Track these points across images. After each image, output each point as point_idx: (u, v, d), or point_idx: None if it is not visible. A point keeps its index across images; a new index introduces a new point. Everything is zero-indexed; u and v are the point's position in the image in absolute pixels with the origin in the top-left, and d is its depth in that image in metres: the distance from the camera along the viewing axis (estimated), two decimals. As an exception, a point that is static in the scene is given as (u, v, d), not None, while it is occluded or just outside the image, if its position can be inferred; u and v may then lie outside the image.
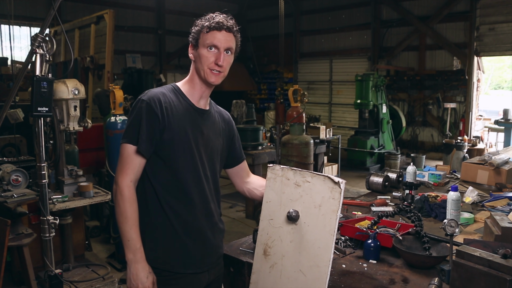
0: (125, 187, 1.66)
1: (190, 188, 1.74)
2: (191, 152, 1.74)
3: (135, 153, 1.67)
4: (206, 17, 1.76)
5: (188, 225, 1.75)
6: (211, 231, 1.83)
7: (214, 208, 1.85)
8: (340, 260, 1.99)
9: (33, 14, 10.17)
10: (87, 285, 3.90)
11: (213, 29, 1.72)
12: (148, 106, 1.67)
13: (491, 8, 9.46)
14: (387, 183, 3.21)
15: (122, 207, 1.65)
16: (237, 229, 5.49)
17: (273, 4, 9.67)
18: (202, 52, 1.73)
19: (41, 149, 2.89)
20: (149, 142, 1.67)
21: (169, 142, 1.69)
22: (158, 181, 1.73)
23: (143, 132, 1.66)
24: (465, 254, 1.55)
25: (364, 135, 9.43)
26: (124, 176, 1.67)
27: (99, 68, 7.39)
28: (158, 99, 1.69)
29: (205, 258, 1.82)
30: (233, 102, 7.72)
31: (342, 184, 1.55)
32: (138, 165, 1.69)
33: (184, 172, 1.73)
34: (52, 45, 2.85)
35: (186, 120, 1.74)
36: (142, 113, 1.67)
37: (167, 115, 1.68)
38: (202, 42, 1.73)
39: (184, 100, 1.78)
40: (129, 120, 1.72)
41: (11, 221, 2.98)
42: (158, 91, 1.74)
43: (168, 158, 1.71)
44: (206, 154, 1.80)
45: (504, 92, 18.31)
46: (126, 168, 1.68)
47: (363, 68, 11.60)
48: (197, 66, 1.76)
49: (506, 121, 9.13)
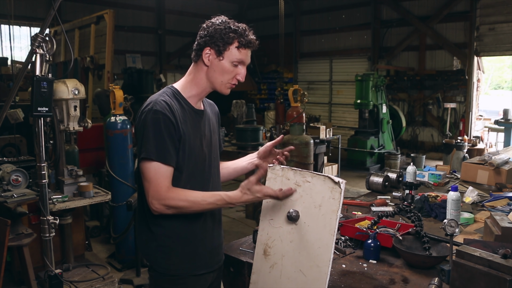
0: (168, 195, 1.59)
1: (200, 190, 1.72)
2: (199, 157, 1.74)
3: (163, 167, 1.60)
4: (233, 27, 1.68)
5: (197, 228, 1.75)
6: (216, 230, 1.86)
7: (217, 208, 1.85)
8: (340, 260, 1.99)
9: (33, 14, 10.17)
10: (87, 285, 3.90)
11: (247, 47, 1.70)
12: (165, 117, 1.60)
13: (491, 8, 9.46)
14: (387, 183, 3.21)
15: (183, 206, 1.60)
16: (237, 229, 5.49)
17: (273, 4, 9.68)
18: (227, 65, 1.68)
19: (41, 149, 2.89)
20: (174, 153, 1.64)
21: (182, 151, 1.67)
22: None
23: (167, 144, 1.61)
24: (465, 254, 1.55)
25: (364, 135, 9.43)
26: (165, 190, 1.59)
27: (99, 68, 7.39)
28: (170, 109, 1.63)
29: (214, 257, 1.84)
30: (233, 102, 7.72)
31: (342, 184, 1.55)
32: (170, 175, 1.63)
33: (193, 178, 1.72)
34: (52, 45, 2.84)
35: (191, 125, 1.72)
36: (161, 124, 1.60)
37: (180, 124, 1.65)
38: (229, 56, 1.67)
39: (186, 104, 1.73)
40: (146, 133, 1.62)
41: (11, 221, 2.98)
42: (165, 99, 1.66)
43: (180, 166, 1.68)
44: (210, 154, 1.82)
45: (504, 92, 18.31)
46: (160, 182, 1.59)
47: (363, 68, 11.60)
48: (213, 75, 1.70)
49: (506, 121, 9.13)
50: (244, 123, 6.94)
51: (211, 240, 1.83)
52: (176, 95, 1.73)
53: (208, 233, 1.81)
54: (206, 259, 1.80)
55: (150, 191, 1.60)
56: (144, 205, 1.69)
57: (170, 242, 1.72)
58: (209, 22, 1.70)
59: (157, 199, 1.59)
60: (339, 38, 12.49)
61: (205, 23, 1.72)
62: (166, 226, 1.71)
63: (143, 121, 1.63)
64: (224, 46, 1.66)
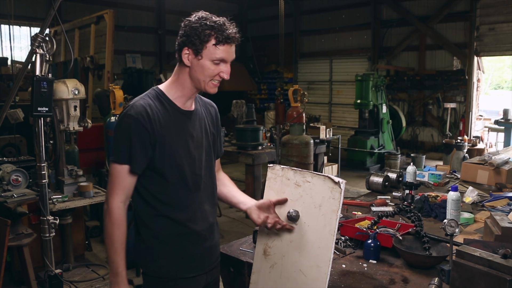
0: (114, 209, 1.62)
1: (185, 195, 1.71)
2: (185, 160, 1.69)
3: (127, 173, 1.62)
4: (210, 23, 1.59)
5: (186, 231, 1.72)
6: (208, 233, 1.80)
7: (209, 210, 1.81)
8: (340, 260, 1.99)
9: (33, 14, 10.17)
10: (87, 285, 3.90)
11: (226, 43, 1.60)
12: (137, 122, 1.58)
13: (491, 8, 9.46)
14: (387, 183, 3.21)
15: (110, 229, 1.62)
16: (237, 229, 5.49)
17: (273, 4, 9.67)
18: (207, 64, 1.62)
19: (41, 149, 2.89)
20: (142, 159, 1.61)
21: (161, 156, 1.64)
22: (151, 193, 1.68)
23: (135, 149, 1.59)
24: (465, 254, 1.55)
25: (364, 135, 9.42)
26: (115, 197, 1.62)
27: (99, 68, 7.39)
28: (145, 113, 1.60)
29: (205, 260, 1.80)
30: (233, 102, 7.72)
31: (342, 184, 1.55)
32: (130, 184, 1.64)
33: (179, 182, 1.69)
34: (52, 45, 2.85)
35: (175, 128, 1.67)
36: (131, 129, 1.59)
37: (156, 128, 1.61)
38: (208, 54, 1.60)
39: (170, 106, 1.68)
40: (117, 137, 1.63)
41: (11, 221, 2.98)
42: (144, 102, 1.64)
43: (162, 170, 1.65)
44: (200, 156, 1.76)
45: (504, 92, 18.30)
46: (117, 188, 1.62)
47: (363, 68, 11.60)
48: (195, 75, 1.65)
49: (506, 121, 9.13)
50: (244, 123, 6.94)
51: (202, 241, 1.78)
52: (159, 97, 1.69)
53: (199, 234, 1.76)
54: (196, 261, 1.76)
55: (107, 191, 1.67)
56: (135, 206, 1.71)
57: (157, 244, 1.70)
58: (186, 20, 1.64)
59: (107, 200, 1.64)
60: (339, 38, 12.48)
61: (183, 22, 1.65)
62: (153, 227, 1.69)
63: (117, 124, 1.66)
64: (201, 45, 1.59)
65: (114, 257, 1.63)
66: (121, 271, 1.63)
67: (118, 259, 1.63)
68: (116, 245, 1.62)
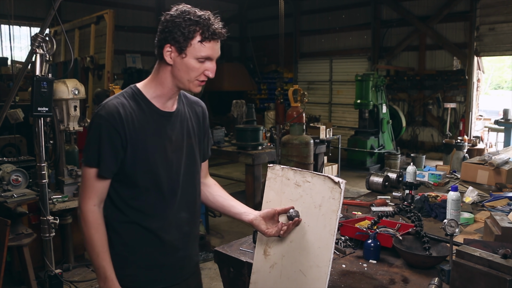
0: (88, 212, 1.53)
1: (158, 203, 1.60)
2: (159, 165, 1.58)
3: (96, 176, 1.53)
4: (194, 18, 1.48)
5: (156, 240, 1.61)
6: (182, 243, 1.69)
7: (186, 218, 1.69)
8: (340, 260, 1.98)
9: (33, 14, 10.16)
10: (87, 285, 3.90)
11: (211, 39, 1.49)
12: (107, 123, 1.48)
13: (491, 8, 9.46)
14: (387, 183, 3.21)
15: (87, 234, 1.53)
16: (237, 229, 5.49)
17: (273, 4, 9.67)
18: (191, 63, 1.50)
19: (41, 149, 2.89)
20: (111, 162, 1.51)
21: (133, 160, 1.53)
22: (123, 198, 1.59)
23: (104, 152, 1.50)
24: (465, 254, 1.55)
25: (364, 135, 9.42)
26: (87, 201, 1.54)
27: (99, 68, 7.40)
28: (117, 113, 1.49)
29: (176, 272, 1.69)
30: (233, 102, 7.72)
31: (342, 184, 1.55)
32: (102, 187, 1.55)
33: (152, 187, 1.58)
34: (52, 45, 2.85)
35: (151, 130, 1.56)
36: (101, 131, 1.49)
37: (129, 129, 1.50)
38: (193, 52, 1.49)
39: (147, 106, 1.57)
40: (88, 139, 1.54)
41: (11, 221, 2.98)
42: (118, 102, 1.52)
43: (134, 175, 1.55)
44: (179, 160, 1.64)
45: (504, 92, 18.30)
46: (89, 192, 1.54)
47: (363, 68, 11.60)
48: (178, 74, 1.53)
49: (506, 121, 9.13)
50: (244, 123, 6.94)
51: (174, 252, 1.67)
52: (136, 96, 1.57)
53: (171, 244, 1.65)
54: (165, 272, 1.66)
55: (80, 194, 1.59)
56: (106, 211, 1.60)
57: (126, 251, 1.60)
58: (167, 15, 1.51)
59: (80, 205, 1.57)
60: (339, 38, 12.48)
61: (163, 16, 1.52)
62: (123, 234, 1.60)
63: (89, 124, 1.58)
64: (185, 42, 1.47)
65: (98, 262, 1.53)
66: (109, 274, 1.54)
67: (103, 263, 1.54)
68: (97, 249, 1.53)
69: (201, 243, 4.57)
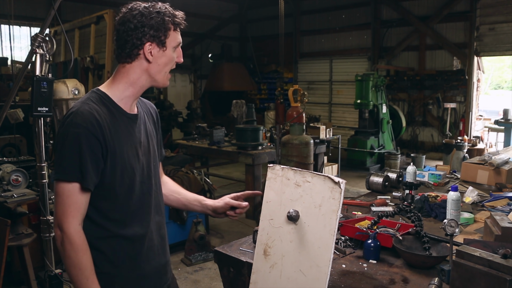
0: (75, 233, 1.41)
1: (138, 209, 1.57)
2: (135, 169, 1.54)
3: (79, 191, 1.41)
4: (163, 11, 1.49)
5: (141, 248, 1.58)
6: (161, 247, 1.69)
7: (160, 220, 1.69)
8: (340, 260, 1.98)
9: (33, 14, 10.17)
10: (87, 285, 3.89)
11: (180, 26, 1.54)
12: (86, 131, 1.39)
13: (491, 8, 9.46)
14: (387, 183, 3.21)
15: (75, 257, 1.41)
16: (237, 229, 5.49)
17: (273, 4, 9.67)
18: (170, 53, 1.53)
19: (41, 149, 2.89)
20: (94, 173, 1.42)
21: (112, 168, 1.47)
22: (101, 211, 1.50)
23: (87, 164, 1.39)
24: (465, 254, 1.55)
25: (364, 135, 9.43)
26: (71, 220, 1.40)
27: (99, 68, 7.39)
28: (95, 120, 1.41)
29: (161, 277, 1.69)
30: (233, 102, 7.73)
31: (342, 184, 1.55)
32: (84, 203, 1.44)
33: (130, 194, 1.53)
34: (52, 45, 2.85)
35: (123, 135, 1.51)
36: (80, 140, 1.39)
37: (106, 137, 1.44)
38: (170, 42, 1.51)
39: (116, 110, 1.51)
40: (64, 150, 1.41)
41: (11, 221, 2.98)
42: (90, 108, 1.44)
43: (113, 184, 1.48)
44: (149, 163, 1.62)
45: (504, 92, 18.31)
46: (71, 210, 1.40)
47: (363, 68, 11.60)
48: (157, 69, 1.52)
49: (506, 121, 9.13)
50: (244, 123, 6.94)
51: (158, 259, 1.66)
52: (103, 100, 1.50)
53: (154, 251, 1.64)
54: (152, 280, 1.64)
55: (57, 215, 1.42)
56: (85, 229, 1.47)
57: (112, 268, 1.52)
58: (129, 15, 1.47)
59: (61, 226, 1.41)
60: (339, 38, 12.48)
61: (122, 18, 1.49)
62: (105, 251, 1.51)
63: (62, 135, 1.42)
64: (165, 35, 1.49)
65: (88, 286, 1.42)
66: None
67: (93, 286, 1.43)
68: (87, 273, 1.42)
69: (201, 243, 4.57)
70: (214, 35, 13.72)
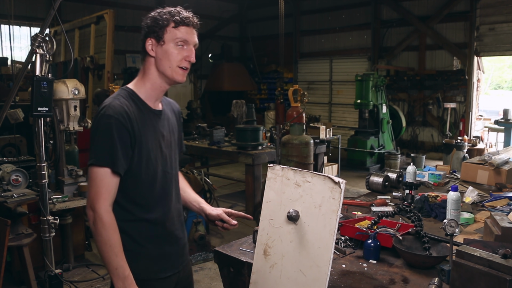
0: (104, 213, 1.57)
1: (160, 196, 1.74)
2: (159, 159, 1.71)
3: (110, 175, 1.58)
4: (167, 11, 1.65)
5: (163, 231, 1.75)
6: (181, 231, 1.88)
7: (180, 208, 1.88)
8: (340, 260, 1.99)
9: (33, 14, 10.16)
10: (87, 285, 3.90)
11: (184, 24, 1.64)
12: (118, 122, 1.57)
13: (491, 8, 9.46)
14: (387, 183, 3.21)
15: (105, 235, 1.56)
16: (237, 229, 5.45)
17: (273, 4, 9.67)
18: (170, 48, 1.64)
19: (41, 149, 2.89)
20: (124, 160, 1.60)
21: (139, 156, 1.65)
22: (128, 195, 1.67)
23: (117, 151, 1.57)
24: (465, 254, 1.55)
25: (364, 135, 9.42)
26: (102, 202, 1.57)
27: (99, 68, 7.39)
28: (125, 112, 1.59)
29: (179, 259, 1.85)
30: (233, 102, 7.72)
31: (342, 184, 1.55)
32: (115, 186, 1.61)
33: (154, 182, 1.71)
34: (52, 45, 2.85)
35: (149, 128, 1.68)
36: (112, 130, 1.57)
37: (135, 128, 1.62)
38: (170, 37, 1.63)
39: (142, 106, 1.69)
40: (97, 139, 1.59)
41: (11, 221, 2.98)
42: (121, 102, 1.62)
43: (139, 171, 1.66)
44: (171, 155, 1.80)
45: (504, 92, 18.31)
46: (103, 192, 1.57)
47: (363, 68, 11.60)
48: (161, 63, 1.66)
49: (506, 121, 9.13)
50: (244, 123, 6.94)
51: (178, 240, 1.84)
52: (132, 96, 1.68)
53: (174, 233, 1.81)
54: (172, 260, 1.80)
55: (90, 197, 1.59)
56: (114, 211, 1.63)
57: (137, 247, 1.69)
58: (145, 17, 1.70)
59: (91, 208, 1.57)
60: (339, 38, 12.48)
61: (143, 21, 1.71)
62: (131, 233, 1.68)
63: (96, 126, 1.61)
64: (161, 30, 1.63)
65: (117, 262, 1.57)
66: (128, 274, 1.59)
67: (121, 262, 1.58)
68: (116, 250, 1.57)
69: (201, 243, 4.57)
70: (214, 35, 13.72)
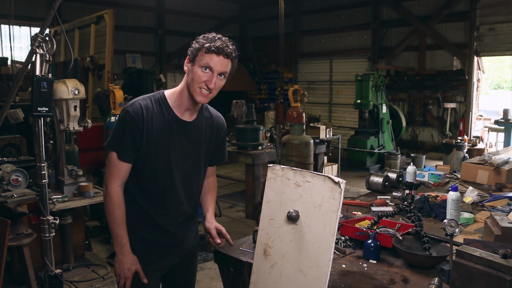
0: (113, 192, 1.86)
1: (161, 191, 1.91)
2: (165, 161, 1.89)
3: (117, 159, 1.84)
4: (209, 37, 1.81)
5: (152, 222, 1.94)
6: (178, 228, 2.01)
7: (185, 209, 2.00)
8: (340, 260, 1.99)
9: (33, 14, 10.16)
10: (87, 285, 3.90)
11: (212, 52, 1.77)
12: (132, 118, 1.81)
13: (491, 8, 9.46)
14: (387, 183, 3.21)
15: (111, 209, 1.87)
16: (237, 229, 5.49)
17: (273, 4, 9.67)
18: (196, 70, 1.79)
19: (41, 149, 2.89)
20: (131, 150, 1.84)
21: (145, 151, 1.85)
22: (134, 183, 1.91)
23: (125, 141, 1.83)
24: (465, 254, 1.55)
25: (364, 135, 9.42)
26: (113, 182, 1.86)
27: (99, 68, 7.39)
28: (141, 113, 1.82)
29: (169, 249, 2.01)
30: (233, 102, 7.72)
31: (342, 184, 1.55)
32: (125, 170, 1.87)
33: (157, 178, 1.90)
34: (52, 45, 2.85)
35: (166, 131, 1.87)
36: (126, 123, 1.83)
37: (146, 127, 1.83)
38: (198, 60, 1.79)
39: (167, 112, 1.88)
40: (115, 127, 1.87)
41: (11, 221, 2.98)
42: (144, 103, 1.85)
43: (143, 164, 1.88)
44: (184, 161, 1.94)
45: (504, 92, 18.31)
46: (114, 174, 1.86)
47: (363, 68, 11.60)
48: (189, 81, 1.83)
49: (506, 121, 9.13)
50: (244, 123, 6.94)
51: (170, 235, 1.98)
52: (161, 101, 1.89)
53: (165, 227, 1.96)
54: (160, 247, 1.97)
55: (105, 175, 1.91)
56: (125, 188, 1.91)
57: (129, 226, 1.92)
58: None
59: (106, 184, 1.88)
60: (339, 38, 12.48)
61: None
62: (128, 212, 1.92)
63: (118, 117, 1.91)
64: (196, 52, 1.80)
65: (117, 231, 1.87)
66: (125, 242, 1.88)
67: (121, 232, 1.88)
68: (118, 221, 1.87)
69: (201, 243, 4.56)
70: (214, 35, 13.72)
